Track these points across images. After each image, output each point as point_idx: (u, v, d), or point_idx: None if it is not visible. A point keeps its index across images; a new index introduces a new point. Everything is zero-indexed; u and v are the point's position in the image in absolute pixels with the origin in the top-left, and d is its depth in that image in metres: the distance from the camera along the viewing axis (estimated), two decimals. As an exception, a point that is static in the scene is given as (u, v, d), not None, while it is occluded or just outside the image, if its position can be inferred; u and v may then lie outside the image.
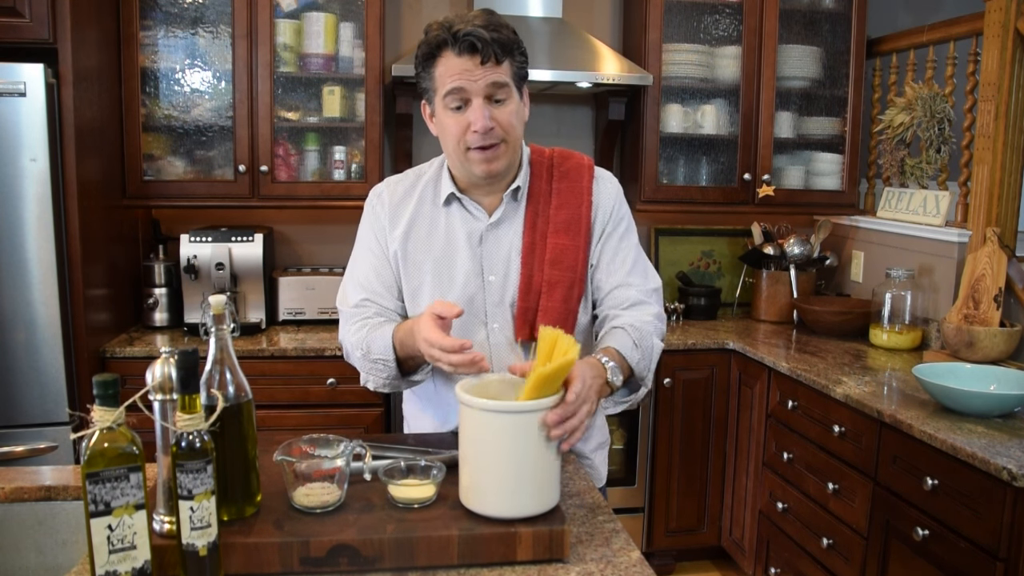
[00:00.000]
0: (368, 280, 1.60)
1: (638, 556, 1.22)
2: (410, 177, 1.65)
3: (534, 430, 1.19)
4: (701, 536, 3.19)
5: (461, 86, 1.44)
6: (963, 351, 2.53)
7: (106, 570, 1.01)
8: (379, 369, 1.51)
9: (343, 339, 1.62)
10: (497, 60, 1.45)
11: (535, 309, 1.54)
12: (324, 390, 2.81)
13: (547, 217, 1.57)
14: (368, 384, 1.58)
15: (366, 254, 1.62)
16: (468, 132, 1.46)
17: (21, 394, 2.46)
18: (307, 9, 3.01)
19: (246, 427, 1.20)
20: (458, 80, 1.44)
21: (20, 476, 1.48)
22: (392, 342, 1.48)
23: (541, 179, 1.60)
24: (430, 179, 1.63)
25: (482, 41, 1.42)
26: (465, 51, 1.43)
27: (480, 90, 1.44)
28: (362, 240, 1.64)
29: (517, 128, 1.51)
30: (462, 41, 1.42)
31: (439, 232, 1.58)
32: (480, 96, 1.44)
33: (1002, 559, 1.79)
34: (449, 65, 1.44)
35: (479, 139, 1.46)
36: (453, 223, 1.58)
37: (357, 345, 1.54)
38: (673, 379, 3.05)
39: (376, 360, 1.51)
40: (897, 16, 3.62)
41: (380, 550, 1.15)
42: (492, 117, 1.45)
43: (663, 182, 3.35)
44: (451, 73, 1.44)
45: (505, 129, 1.48)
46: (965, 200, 2.83)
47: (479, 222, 1.58)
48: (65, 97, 2.46)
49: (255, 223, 3.25)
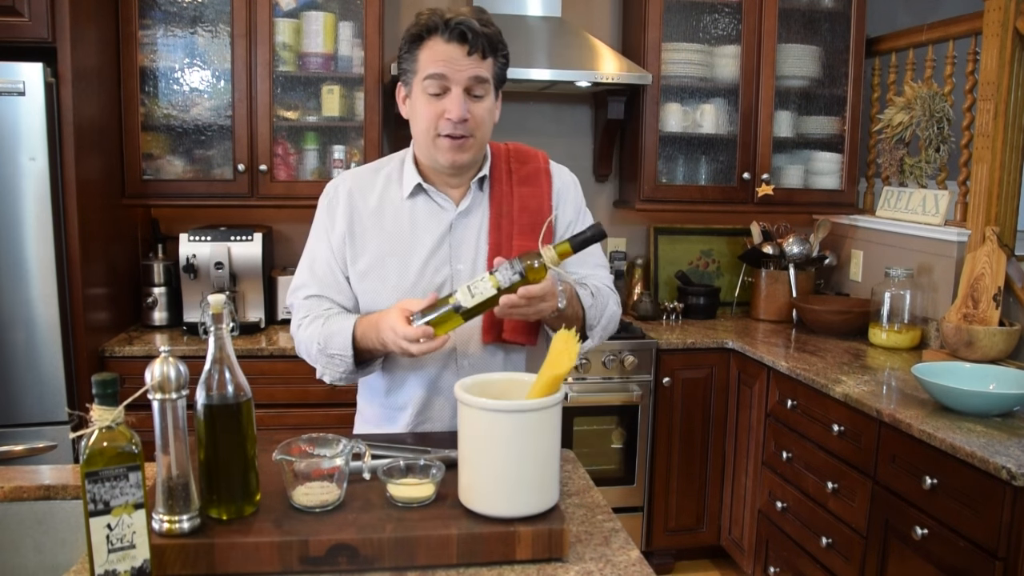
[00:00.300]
0: (323, 274, 1.60)
1: (637, 555, 1.22)
2: (367, 171, 1.65)
3: (534, 430, 1.20)
4: (700, 535, 3.20)
5: (444, 72, 1.45)
6: (962, 350, 2.53)
7: (105, 569, 1.01)
8: (336, 364, 1.52)
9: (294, 332, 1.61)
10: (483, 54, 1.46)
11: None
12: (323, 389, 2.79)
13: (511, 219, 1.58)
14: (324, 378, 1.58)
15: (320, 248, 1.61)
16: (441, 119, 1.47)
17: (20, 393, 2.46)
18: (306, 8, 3.01)
19: (245, 426, 1.20)
20: (442, 66, 1.45)
21: (19, 475, 1.48)
22: (352, 337, 1.48)
23: (501, 173, 1.62)
24: (390, 172, 1.63)
25: (472, 32, 1.44)
26: (454, 39, 1.44)
27: (462, 80, 1.45)
28: (316, 233, 1.63)
29: (488, 126, 1.54)
30: (453, 29, 1.43)
31: (403, 222, 1.58)
32: (460, 86, 1.46)
33: (1001, 558, 1.79)
34: (435, 50, 1.45)
35: (451, 127, 1.47)
36: (418, 214, 1.59)
37: (313, 339, 1.54)
38: (672, 378, 3.05)
39: (333, 355, 1.51)
40: (896, 15, 3.62)
41: (379, 549, 1.15)
42: (468, 110, 1.47)
43: (662, 181, 3.35)
44: (436, 58, 1.45)
45: (477, 124, 1.49)
46: (964, 199, 2.83)
47: (447, 212, 1.58)
48: (64, 96, 2.46)
49: (254, 222, 3.25)
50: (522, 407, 1.20)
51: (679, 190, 3.35)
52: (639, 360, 3.01)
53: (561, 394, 1.23)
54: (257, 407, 1.25)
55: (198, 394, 1.18)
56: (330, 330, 1.52)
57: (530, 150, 1.67)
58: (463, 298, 1.36)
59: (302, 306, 1.60)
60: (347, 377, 1.55)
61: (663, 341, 3.04)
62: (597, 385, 3.01)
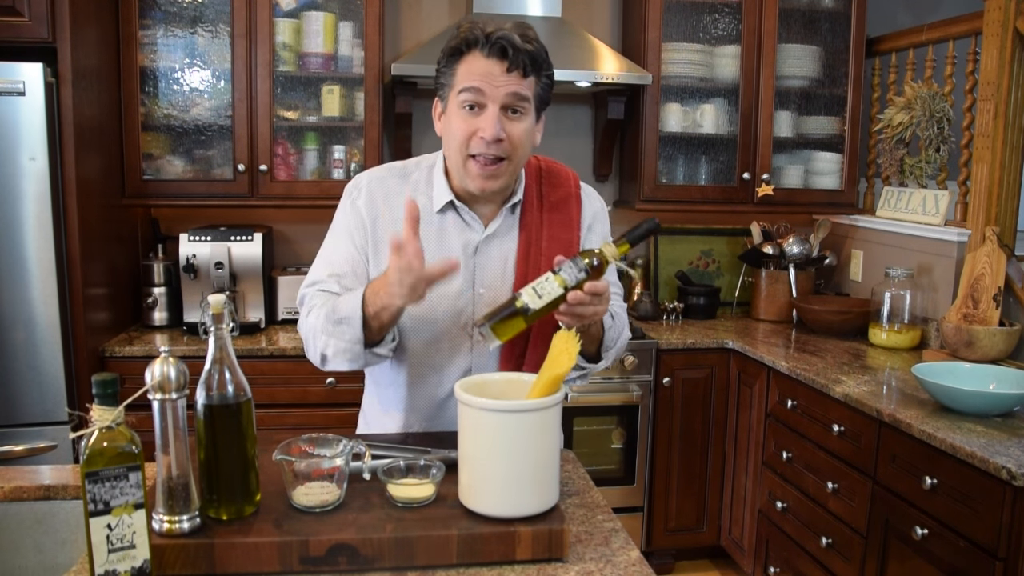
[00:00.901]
0: (343, 270, 1.51)
1: (637, 555, 1.22)
2: (393, 175, 1.57)
3: (534, 429, 1.20)
4: (700, 535, 3.20)
5: (480, 87, 1.38)
6: (962, 350, 2.53)
7: (105, 569, 1.01)
8: (341, 331, 1.38)
9: (302, 323, 1.49)
10: (524, 72, 1.39)
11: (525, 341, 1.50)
12: (323, 389, 2.81)
13: (539, 248, 1.53)
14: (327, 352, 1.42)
15: (341, 244, 1.53)
16: (474, 138, 1.40)
17: (20, 393, 2.46)
18: (306, 8, 3.01)
19: (245, 426, 1.20)
20: (479, 81, 1.38)
21: (19, 475, 1.48)
22: (362, 297, 1.37)
23: (532, 197, 1.56)
24: (418, 181, 1.55)
25: (513, 47, 1.37)
26: (494, 54, 1.37)
27: (499, 97, 1.38)
28: (337, 231, 1.55)
29: (525, 148, 1.45)
30: (494, 44, 1.37)
31: (431, 238, 1.50)
32: (497, 104, 1.38)
33: (1001, 558, 1.79)
34: (474, 65, 1.39)
35: (483, 147, 1.39)
36: (447, 230, 1.52)
37: (320, 310, 1.43)
38: (672, 378, 3.05)
39: (340, 320, 1.38)
40: (896, 15, 3.62)
41: (379, 549, 1.15)
42: (504, 129, 1.39)
43: (662, 181, 3.35)
44: (473, 72, 1.38)
45: (514, 146, 1.41)
46: (964, 199, 2.83)
47: (475, 233, 1.52)
48: (64, 96, 2.46)
49: (254, 222, 3.25)
50: (522, 407, 1.20)
51: (679, 190, 3.35)
52: (639, 360, 3.01)
53: (561, 394, 1.23)
54: (257, 407, 1.25)
55: (198, 394, 1.18)
56: (339, 299, 1.42)
57: (562, 170, 1.61)
58: (530, 300, 1.31)
59: (316, 295, 1.49)
60: (352, 350, 1.40)
61: (663, 341, 3.03)
62: (597, 385, 3.01)
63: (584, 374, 1.55)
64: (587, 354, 1.48)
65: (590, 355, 1.50)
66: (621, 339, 1.58)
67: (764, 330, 3.26)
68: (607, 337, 1.52)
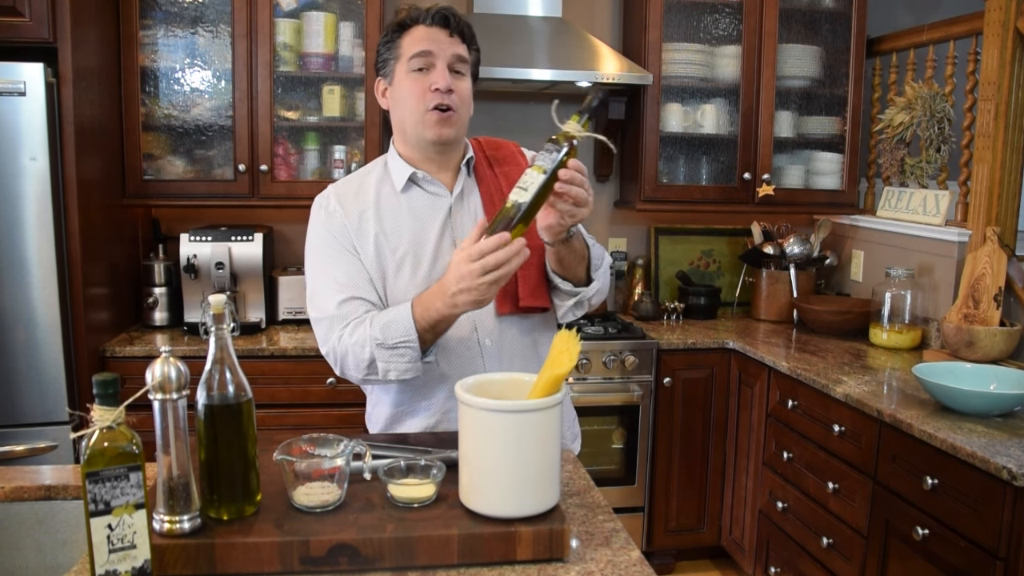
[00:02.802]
0: (348, 279, 1.53)
1: (638, 555, 1.22)
2: (351, 180, 1.65)
3: (534, 429, 1.19)
4: (701, 535, 3.20)
5: (429, 49, 1.52)
6: (963, 350, 2.53)
7: (106, 569, 1.01)
8: (400, 354, 1.44)
9: (333, 347, 1.51)
10: (463, 38, 1.56)
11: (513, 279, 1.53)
12: (324, 389, 2.81)
13: (502, 195, 1.58)
14: (390, 375, 1.47)
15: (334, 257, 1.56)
16: (428, 93, 1.52)
17: (21, 393, 2.46)
18: (307, 8, 3.01)
19: (246, 426, 1.20)
20: (426, 44, 1.52)
21: (20, 475, 1.48)
22: (412, 317, 1.42)
23: (481, 159, 1.67)
24: (378, 176, 1.64)
25: (453, 16, 1.55)
26: (437, 23, 1.54)
27: (447, 55, 1.53)
28: (320, 247, 1.58)
29: (469, 105, 1.59)
30: (436, 14, 1.54)
31: (404, 215, 1.58)
32: (445, 60, 1.53)
33: (1001, 558, 1.79)
34: (418, 34, 1.54)
35: (439, 97, 1.51)
36: (416, 204, 1.60)
37: (366, 340, 1.45)
38: (673, 378, 3.05)
39: (396, 345, 1.43)
40: (897, 15, 3.62)
41: (380, 549, 1.15)
42: (452, 83, 1.53)
43: (663, 181, 3.35)
44: (419, 39, 1.53)
45: (462, 100, 1.55)
46: (965, 199, 2.83)
47: (443, 198, 1.61)
48: (65, 96, 2.46)
49: (255, 222, 3.25)
50: (523, 407, 1.20)
51: (680, 190, 3.35)
52: (640, 360, 3.01)
53: (562, 394, 1.23)
54: (258, 407, 1.25)
55: (199, 394, 1.18)
56: (383, 321, 1.45)
57: (501, 140, 1.74)
58: (518, 196, 1.33)
59: (339, 315, 1.51)
60: (412, 368, 1.46)
61: (664, 341, 3.03)
62: (598, 385, 3.01)
63: (579, 300, 1.59)
64: (576, 277, 1.57)
65: (580, 278, 1.58)
66: (605, 261, 1.64)
67: (765, 330, 3.26)
68: (592, 254, 1.59)
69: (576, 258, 1.53)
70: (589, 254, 1.58)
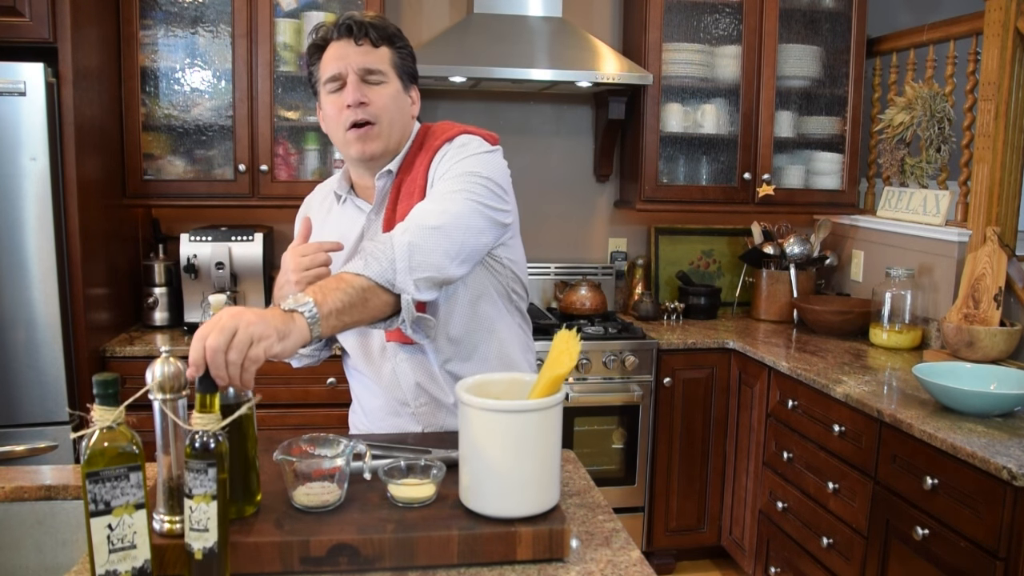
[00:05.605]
0: None
1: (638, 555, 1.22)
2: (323, 186, 1.73)
3: (534, 429, 1.19)
4: (701, 535, 3.20)
5: (336, 67, 1.48)
6: (963, 350, 2.53)
7: (106, 569, 1.01)
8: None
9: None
10: (373, 43, 1.48)
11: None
12: (324, 390, 2.81)
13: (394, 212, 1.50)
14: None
15: None
16: (344, 111, 1.48)
17: (21, 393, 2.46)
18: (307, 8, 3.01)
19: (246, 427, 1.20)
20: (334, 63, 1.49)
21: (20, 475, 1.48)
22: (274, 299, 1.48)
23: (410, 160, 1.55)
24: (332, 183, 1.68)
25: (357, 24, 1.48)
26: (343, 34, 1.49)
27: (354, 68, 1.48)
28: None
29: (392, 112, 1.50)
30: (340, 26, 1.49)
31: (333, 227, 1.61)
32: (354, 74, 1.48)
33: (1002, 558, 1.79)
34: (330, 52, 1.50)
35: (351, 114, 1.47)
36: (344, 222, 1.61)
37: None
38: (673, 378, 3.05)
39: None
40: (897, 15, 3.62)
41: (380, 550, 1.15)
42: (366, 95, 1.47)
43: (663, 181, 3.35)
44: (330, 59, 1.50)
45: (378, 109, 1.48)
46: (965, 199, 2.83)
47: (364, 212, 1.59)
48: (65, 96, 2.46)
49: (255, 222, 3.25)
50: (523, 407, 1.20)
51: (680, 190, 3.35)
52: (640, 360, 3.01)
53: (562, 394, 1.23)
54: (258, 407, 1.25)
55: (199, 394, 1.18)
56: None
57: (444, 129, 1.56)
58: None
59: None
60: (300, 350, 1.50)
61: (664, 341, 3.03)
62: (598, 385, 3.01)
63: (399, 321, 1.33)
64: (374, 318, 1.31)
65: (381, 314, 1.31)
66: (395, 252, 1.31)
67: (765, 330, 3.26)
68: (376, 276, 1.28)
69: (354, 314, 1.26)
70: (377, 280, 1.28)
